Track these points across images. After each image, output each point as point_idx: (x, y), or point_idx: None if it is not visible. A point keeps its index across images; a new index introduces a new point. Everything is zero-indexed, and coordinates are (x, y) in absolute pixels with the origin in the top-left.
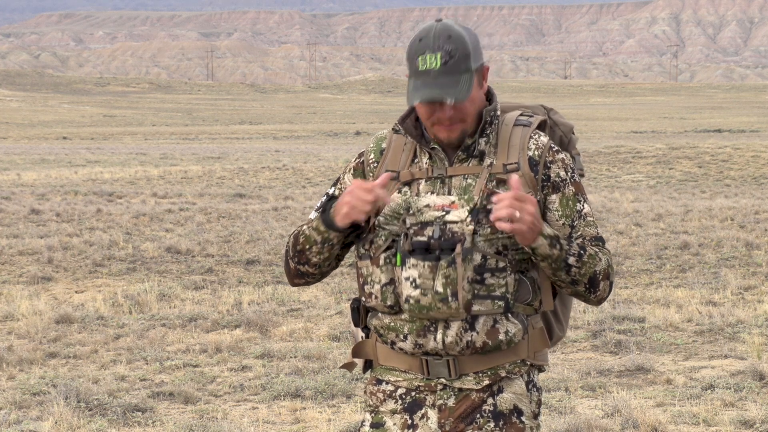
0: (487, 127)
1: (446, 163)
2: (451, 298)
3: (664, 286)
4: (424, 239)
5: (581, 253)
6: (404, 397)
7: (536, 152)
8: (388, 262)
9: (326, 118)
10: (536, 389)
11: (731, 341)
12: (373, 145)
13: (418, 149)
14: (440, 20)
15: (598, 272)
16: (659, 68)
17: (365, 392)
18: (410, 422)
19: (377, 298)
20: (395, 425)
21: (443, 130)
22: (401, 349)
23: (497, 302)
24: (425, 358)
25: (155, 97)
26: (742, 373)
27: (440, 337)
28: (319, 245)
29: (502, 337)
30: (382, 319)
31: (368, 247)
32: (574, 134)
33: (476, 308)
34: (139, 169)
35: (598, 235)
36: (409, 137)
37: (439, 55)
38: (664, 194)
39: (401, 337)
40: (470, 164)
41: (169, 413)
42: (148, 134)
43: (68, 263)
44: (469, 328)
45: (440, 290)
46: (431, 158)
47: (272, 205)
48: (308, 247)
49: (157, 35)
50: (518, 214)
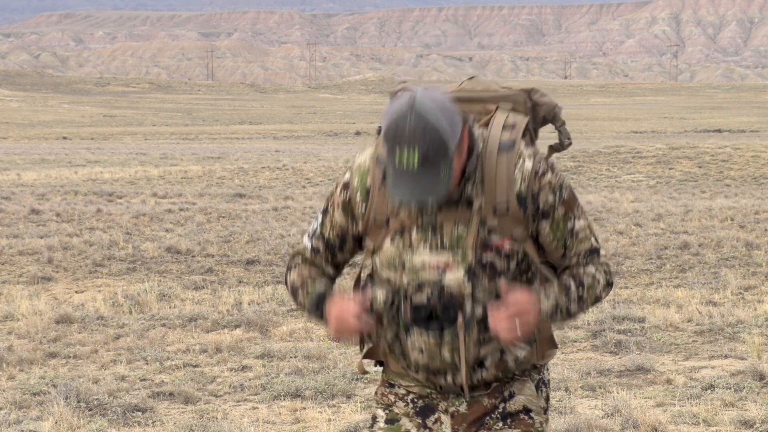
0: (471, 174)
1: (435, 210)
2: (459, 361)
3: (664, 286)
4: (423, 300)
5: (580, 294)
6: (416, 401)
7: (523, 185)
8: (392, 320)
9: (326, 118)
10: (545, 385)
11: (731, 341)
12: (357, 182)
13: None
14: (414, 98)
15: (599, 294)
16: (659, 68)
17: (376, 393)
18: (424, 425)
19: (385, 348)
20: (410, 423)
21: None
22: (413, 376)
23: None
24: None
25: (155, 97)
26: (742, 373)
27: (450, 378)
28: (314, 321)
29: (511, 364)
30: (391, 361)
31: (369, 305)
32: (558, 108)
33: (483, 352)
34: (139, 169)
35: (592, 247)
36: None
37: (416, 152)
38: (664, 194)
39: (413, 369)
40: (459, 209)
41: (169, 413)
42: (148, 134)
43: (68, 263)
44: (478, 368)
45: (447, 357)
46: None
47: (272, 205)
48: (305, 314)
49: (157, 35)
50: (519, 331)
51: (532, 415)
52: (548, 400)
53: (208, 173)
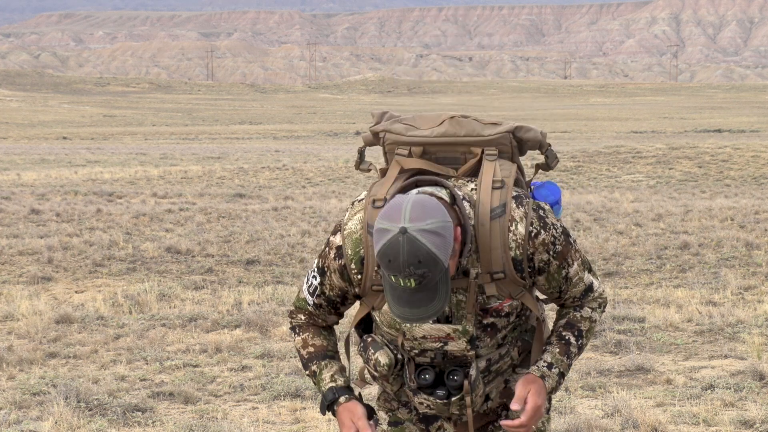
0: (465, 253)
1: None
2: (468, 414)
3: (664, 286)
4: (426, 361)
5: (580, 345)
6: (418, 409)
7: (518, 251)
8: (398, 376)
9: (326, 118)
10: (549, 397)
11: (731, 341)
12: (351, 252)
13: None
14: (404, 231)
15: (595, 331)
16: (659, 68)
17: (379, 398)
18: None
19: (391, 396)
20: (414, 426)
21: None
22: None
23: (506, 372)
24: None
25: (155, 97)
26: (742, 373)
27: (456, 411)
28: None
29: (513, 386)
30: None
31: (372, 365)
32: (543, 136)
33: (488, 389)
34: (139, 169)
35: (586, 287)
36: None
37: (411, 280)
38: (664, 194)
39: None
40: (457, 278)
41: (169, 413)
42: (148, 134)
43: (68, 263)
44: (483, 401)
45: (455, 412)
46: None
47: (272, 205)
48: (317, 389)
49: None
50: (533, 428)
51: None
52: (550, 400)
53: (208, 173)
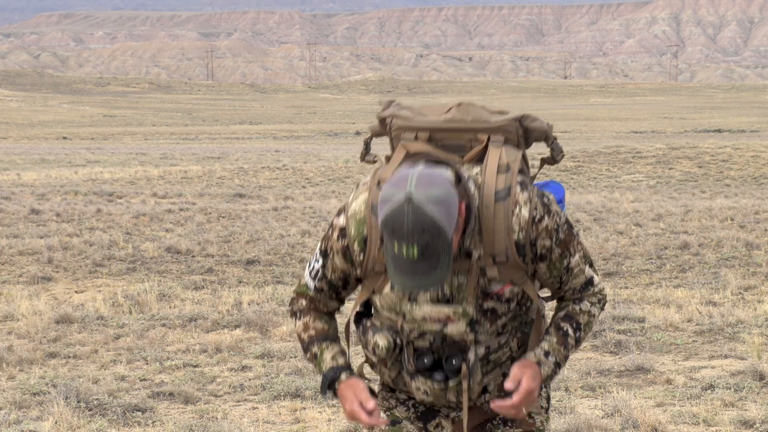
0: (468, 234)
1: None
2: (464, 400)
3: (664, 286)
4: (425, 345)
5: (578, 337)
6: (417, 406)
7: (521, 234)
8: (395, 362)
9: (326, 118)
10: (544, 385)
11: (731, 341)
12: (354, 231)
13: None
14: (410, 198)
15: (593, 326)
16: (659, 68)
17: (378, 397)
18: (425, 430)
19: (389, 384)
20: (412, 425)
21: None
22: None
23: (505, 365)
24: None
25: (155, 97)
26: (742, 373)
27: (454, 413)
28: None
29: None
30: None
31: (371, 348)
32: (549, 128)
33: (486, 381)
34: (139, 169)
35: (586, 280)
36: None
37: (414, 248)
38: (664, 194)
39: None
40: (459, 260)
41: (169, 413)
42: (148, 134)
43: (68, 263)
44: (481, 393)
45: (452, 399)
46: None
47: (272, 205)
48: (318, 373)
49: (157, 35)
50: (525, 410)
51: (532, 414)
52: (548, 399)
53: (208, 173)
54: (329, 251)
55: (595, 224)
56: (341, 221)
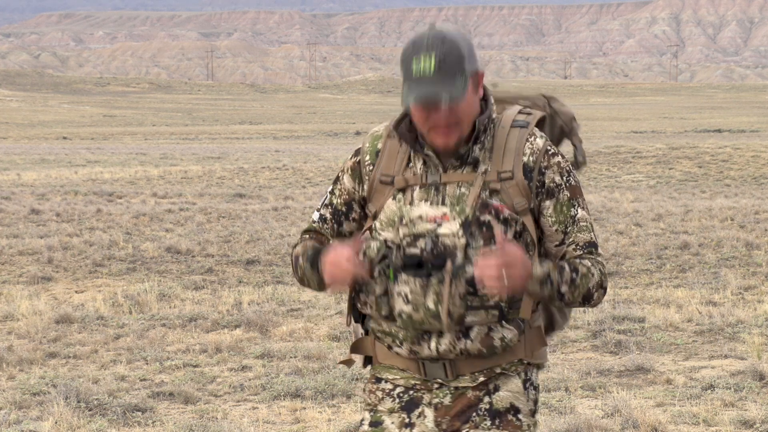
0: (481, 134)
1: (440, 169)
2: (444, 316)
3: (664, 286)
4: (416, 251)
5: (573, 277)
6: (402, 395)
7: (531, 158)
8: (381, 274)
9: (326, 118)
10: (534, 388)
11: (731, 341)
12: (368, 145)
13: (412, 154)
14: (433, 25)
15: (591, 288)
16: (659, 68)
17: (364, 390)
18: (408, 421)
19: (372, 307)
20: (393, 424)
21: (440, 136)
22: (398, 353)
23: (491, 311)
24: (422, 361)
25: (155, 97)
26: (742, 373)
27: (434, 345)
28: (315, 285)
29: (497, 343)
30: (379, 324)
31: (362, 258)
32: (575, 122)
33: (470, 319)
34: (139, 169)
35: (591, 240)
36: (404, 143)
37: (432, 56)
38: (664, 194)
39: (397, 342)
40: (464, 171)
41: (169, 413)
42: (148, 134)
43: (68, 263)
44: (462, 336)
45: (431, 307)
46: (425, 164)
47: (272, 205)
48: (306, 281)
49: (157, 35)
50: (506, 281)
51: (520, 417)
52: (537, 403)
53: (208, 173)
54: (341, 173)
55: (595, 224)
56: (359, 145)
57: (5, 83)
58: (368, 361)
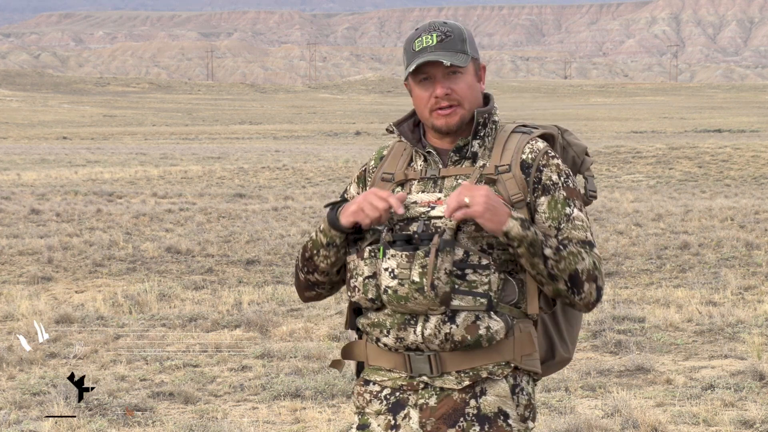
0: (480, 129)
1: (440, 165)
2: (427, 287)
3: (664, 286)
4: (408, 232)
5: (560, 247)
6: (389, 397)
7: (530, 155)
8: (372, 255)
9: (326, 118)
10: (524, 393)
11: (731, 341)
12: (375, 153)
13: (414, 154)
14: (434, 20)
15: (580, 271)
16: (659, 68)
17: (353, 393)
18: (393, 423)
19: (359, 290)
20: (379, 426)
21: (441, 117)
22: (385, 344)
23: (479, 299)
24: (407, 353)
25: (155, 97)
26: (742, 373)
27: (419, 329)
28: (325, 248)
29: (482, 332)
30: (368, 317)
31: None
32: (588, 155)
33: (457, 303)
34: (139, 169)
35: (586, 239)
36: (405, 141)
37: (435, 34)
38: (664, 194)
39: (384, 332)
40: (463, 165)
41: (169, 413)
42: (148, 134)
43: (68, 263)
44: (448, 320)
45: (416, 279)
46: (426, 161)
47: (272, 205)
48: (315, 251)
49: (157, 35)
50: (468, 200)
51: (510, 422)
52: (530, 410)
53: (208, 173)
54: (350, 183)
55: (595, 224)
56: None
57: (5, 83)
58: (361, 369)
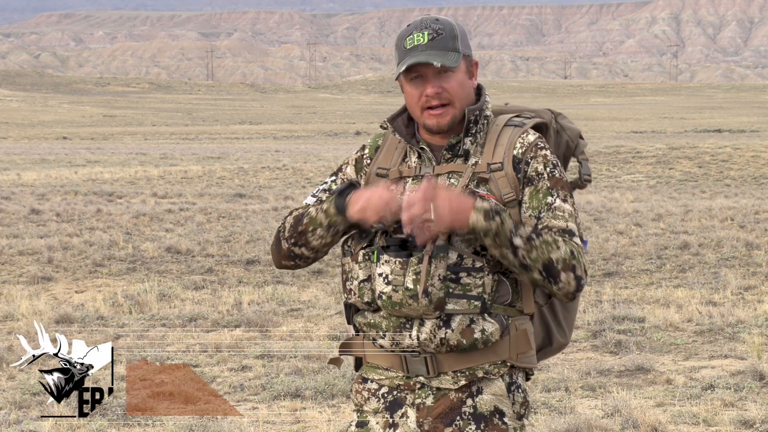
0: (472, 126)
1: (433, 162)
2: (420, 294)
3: (664, 286)
4: (402, 236)
5: (532, 237)
6: (386, 396)
7: (521, 150)
8: (366, 258)
9: (326, 118)
10: (520, 390)
11: (731, 341)
12: (371, 141)
13: (408, 149)
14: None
15: (554, 260)
16: (659, 68)
17: (352, 390)
18: (391, 421)
19: (355, 294)
20: (378, 424)
21: (432, 117)
22: (381, 346)
23: (473, 302)
24: (404, 354)
25: (155, 97)
26: (742, 373)
27: (415, 333)
28: (324, 229)
29: (477, 335)
30: (364, 316)
31: (350, 244)
32: (582, 139)
33: (451, 307)
34: (139, 169)
35: (566, 228)
36: (399, 136)
37: (426, 32)
38: (664, 194)
39: (380, 333)
40: (455, 163)
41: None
42: (148, 134)
43: (68, 263)
44: (443, 325)
45: (410, 286)
46: (420, 158)
47: (272, 205)
48: (312, 229)
49: (157, 35)
50: (431, 215)
51: (505, 420)
52: (525, 407)
53: (208, 173)
54: (344, 165)
55: (595, 224)
56: (365, 142)
57: (5, 83)
58: (359, 364)
